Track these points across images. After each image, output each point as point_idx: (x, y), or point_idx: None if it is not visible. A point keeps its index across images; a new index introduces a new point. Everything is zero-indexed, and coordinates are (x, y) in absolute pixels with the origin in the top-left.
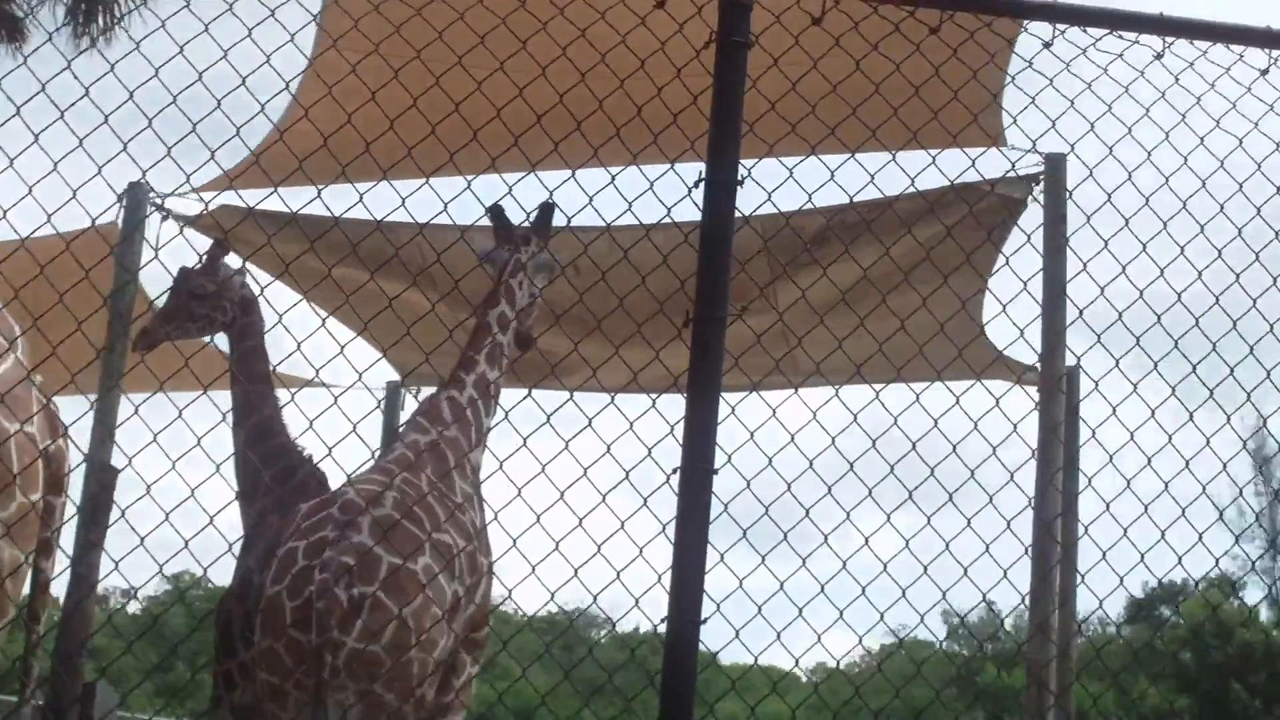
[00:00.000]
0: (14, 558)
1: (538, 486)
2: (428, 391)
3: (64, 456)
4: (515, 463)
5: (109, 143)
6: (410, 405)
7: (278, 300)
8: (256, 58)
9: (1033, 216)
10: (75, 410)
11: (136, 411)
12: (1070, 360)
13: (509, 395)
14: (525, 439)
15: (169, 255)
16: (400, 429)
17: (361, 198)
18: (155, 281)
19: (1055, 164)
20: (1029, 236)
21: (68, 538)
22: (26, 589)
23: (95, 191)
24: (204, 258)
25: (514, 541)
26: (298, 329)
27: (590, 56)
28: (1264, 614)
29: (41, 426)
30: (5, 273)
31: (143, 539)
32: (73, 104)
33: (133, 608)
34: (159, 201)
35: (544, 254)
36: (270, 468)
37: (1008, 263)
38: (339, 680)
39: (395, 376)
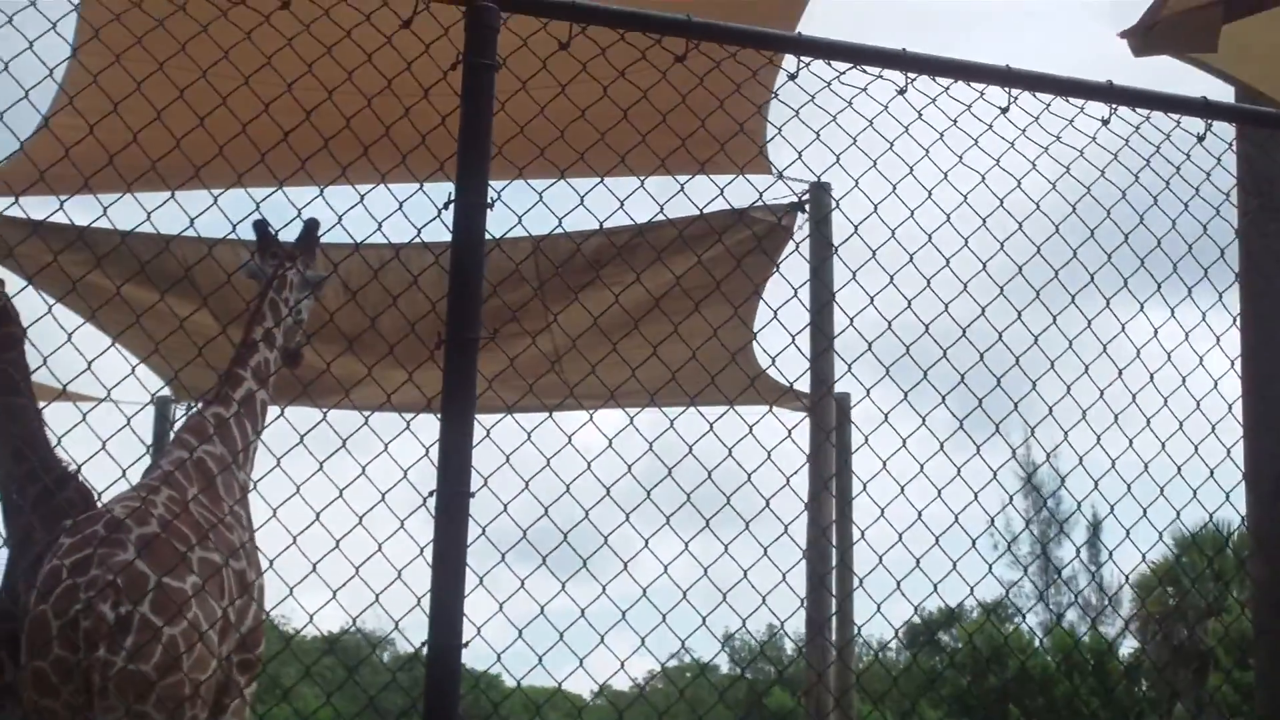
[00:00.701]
0: None
1: (299, 507)
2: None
3: None
4: (279, 482)
5: None
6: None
7: (59, 313)
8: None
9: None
10: None
11: None
12: (839, 388)
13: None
14: (279, 459)
15: None
16: (168, 445)
17: (105, 210)
18: None
19: (819, 192)
20: (777, 266)
21: None
22: None
23: None
24: None
25: (270, 563)
26: (78, 341)
27: (338, 74)
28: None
29: None
30: None
31: None
32: None
33: None
34: None
35: (309, 271)
36: (33, 484)
37: (757, 291)
38: (108, 700)
39: (163, 388)
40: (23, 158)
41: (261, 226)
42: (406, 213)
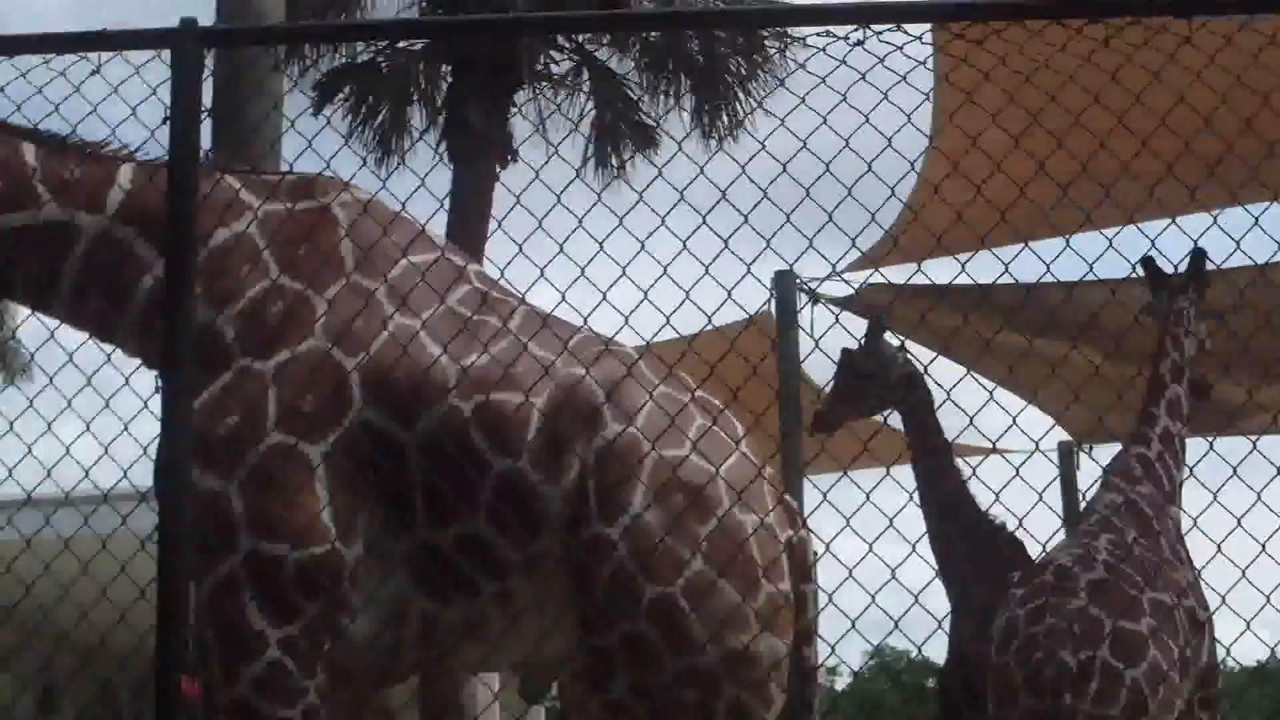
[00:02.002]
0: (772, 647)
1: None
2: (1100, 450)
3: (807, 545)
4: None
5: (750, 238)
6: (1084, 465)
7: (936, 370)
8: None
9: None
10: None
11: (825, 496)
12: None
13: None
14: (1215, 493)
15: (826, 339)
16: (1097, 490)
17: (1006, 267)
18: (816, 366)
19: None
20: None
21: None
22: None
23: (743, 285)
24: (863, 338)
25: (1223, 599)
26: (959, 397)
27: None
28: None
29: (780, 517)
30: (681, 371)
31: (853, 622)
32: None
33: (840, 684)
34: (808, 288)
35: (1203, 300)
36: (966, 539)
37: None
38: None
39: (1065, 437)
40: (908, 229)
41: (1149, 262)
42: None
